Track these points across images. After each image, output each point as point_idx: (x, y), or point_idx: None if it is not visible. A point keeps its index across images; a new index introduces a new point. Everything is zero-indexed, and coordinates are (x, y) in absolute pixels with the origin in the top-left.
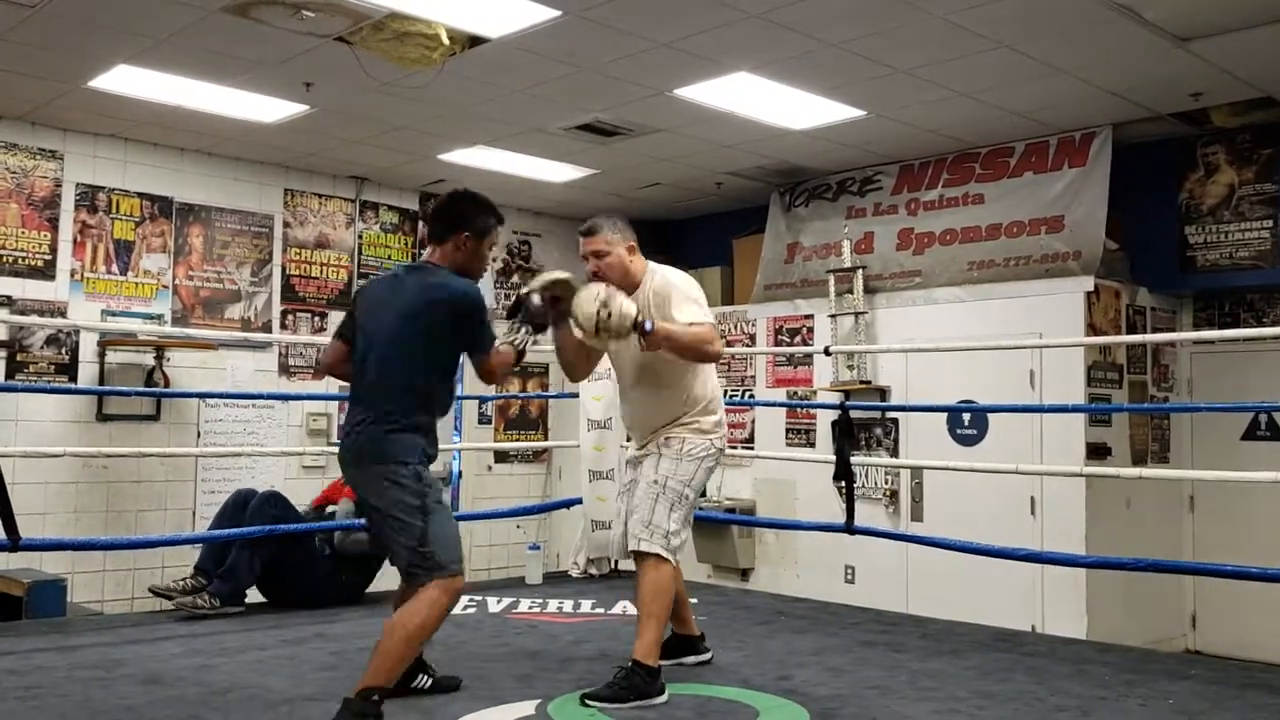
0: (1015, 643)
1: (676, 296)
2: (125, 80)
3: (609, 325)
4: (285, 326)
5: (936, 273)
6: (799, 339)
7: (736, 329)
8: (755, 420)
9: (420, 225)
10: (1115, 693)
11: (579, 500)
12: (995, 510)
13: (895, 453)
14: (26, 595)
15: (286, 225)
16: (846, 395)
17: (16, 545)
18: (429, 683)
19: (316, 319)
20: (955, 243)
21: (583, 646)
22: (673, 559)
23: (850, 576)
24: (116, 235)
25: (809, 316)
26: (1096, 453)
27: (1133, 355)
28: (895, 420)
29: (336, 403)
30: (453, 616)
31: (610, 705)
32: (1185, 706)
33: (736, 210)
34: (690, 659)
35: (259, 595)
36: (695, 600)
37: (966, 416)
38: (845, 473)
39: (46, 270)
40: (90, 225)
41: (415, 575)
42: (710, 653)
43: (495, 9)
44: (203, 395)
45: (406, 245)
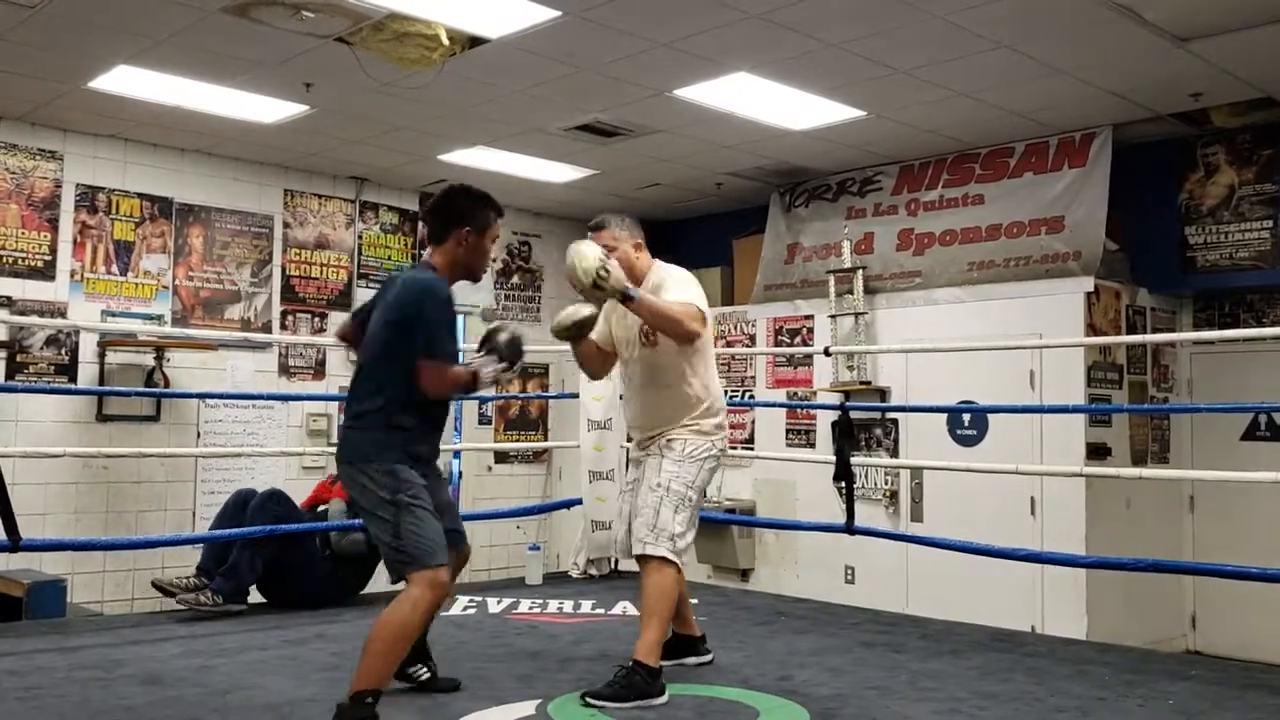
0: (1015, 643)
1: (670, 283)
2: (125, 81)
3: (606, 283)
4: (285, 327)
5: (936, 273)
6: (799, 339)
7: (736, 329)
8: (755, 421)
9: (420, 226)
10: (1115, 693)
11: (579, 501)
12: (995, 510)
13: (895, 453)
14: (26, 596)
15: (286, 226)
16: (846, 396)
17: (17, 546)
18: (426, 675)
19: (316, 319)
20: (955, 243)
21: (583, 647)
22: (678, 561)
23: (850, 577)
24: (116, 236)
25: (809, 317)
26: (1096, 453)
27: (1133, 355)
28: (895, 421)
29: (336, 403)
30: (453, 617)
31: (610, 704)
32: (1185, 707)
33: (736, 211)
34: (691, 660)
35: (258, 595)
36: (695, 600)
37: (966, 417)
38: (845, 473)
39: (46, 271)
40: (90, 226)
41: (396, 571)
42: (711, 654)
43: (495, 9)
44: (203, 396)
45: (406, 246)
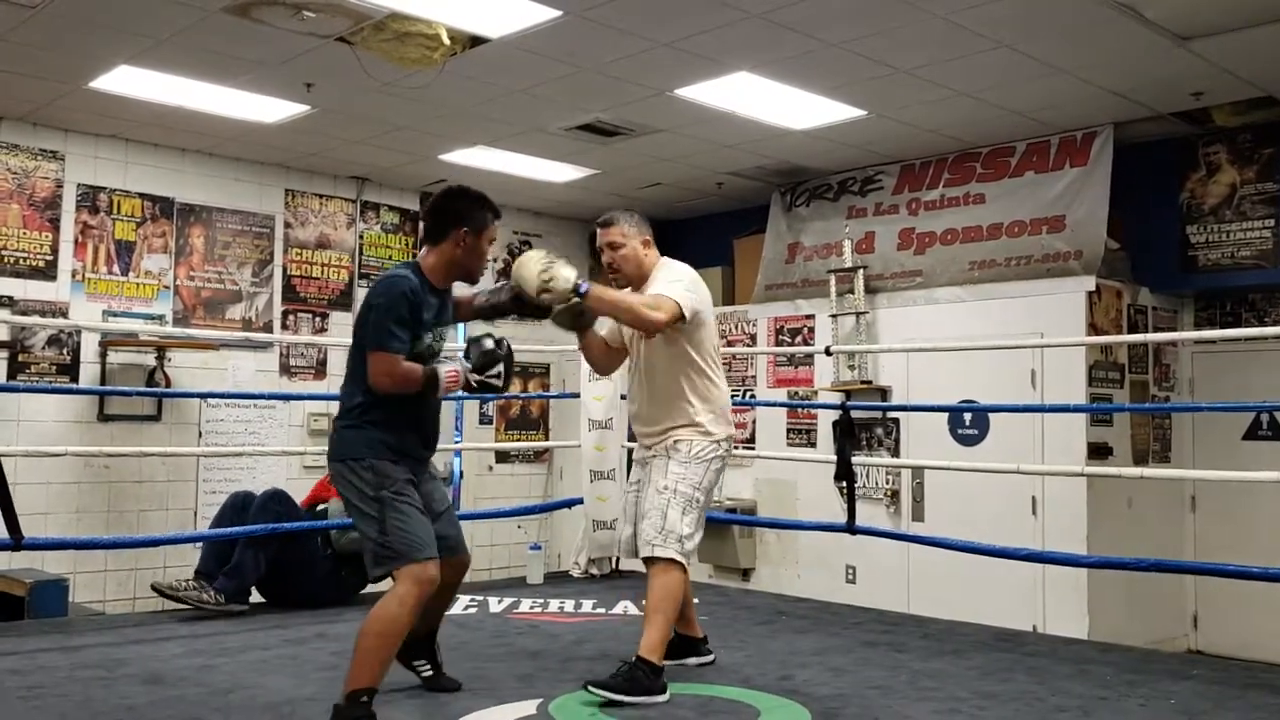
0: (1017, 643)
1: (658, 279)
2: (126, 81)
3: (550, 287)
4: (286, 327)
5: (937, 272)
6: (800, 339)
7: (737, 329)
8: (756, 420)
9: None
10: (1117, 693)
11: (580, 500)
12: (996, 510)
13: (896, 453)
14: (29, 595)
15: (287, 225)
16: (847, 395)
17: (19, 545)
18: (429, 671)
19: (317, 319)
20: (956, 242)
21: (584, 646)
22: (686, 562)
23: (851, 576)
24: (118, 236)
25: (810, 316)
26: (1098, 452)
27: (1134, 355)
28: (896, 420)
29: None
30: (454, 616)
31: (613, 694)
32: (1187, 707)
33: (737, 210)
34: (693, 660)
35: (258, 595)
36: (697, 600)
37: (968, 416)
38: (846, 473)
39: (48, 271)
40: (91, 226)
41: (381, 567)
42: (713, 654)
43: (496, 9)
44: (204, 395)
45: (407, 245)
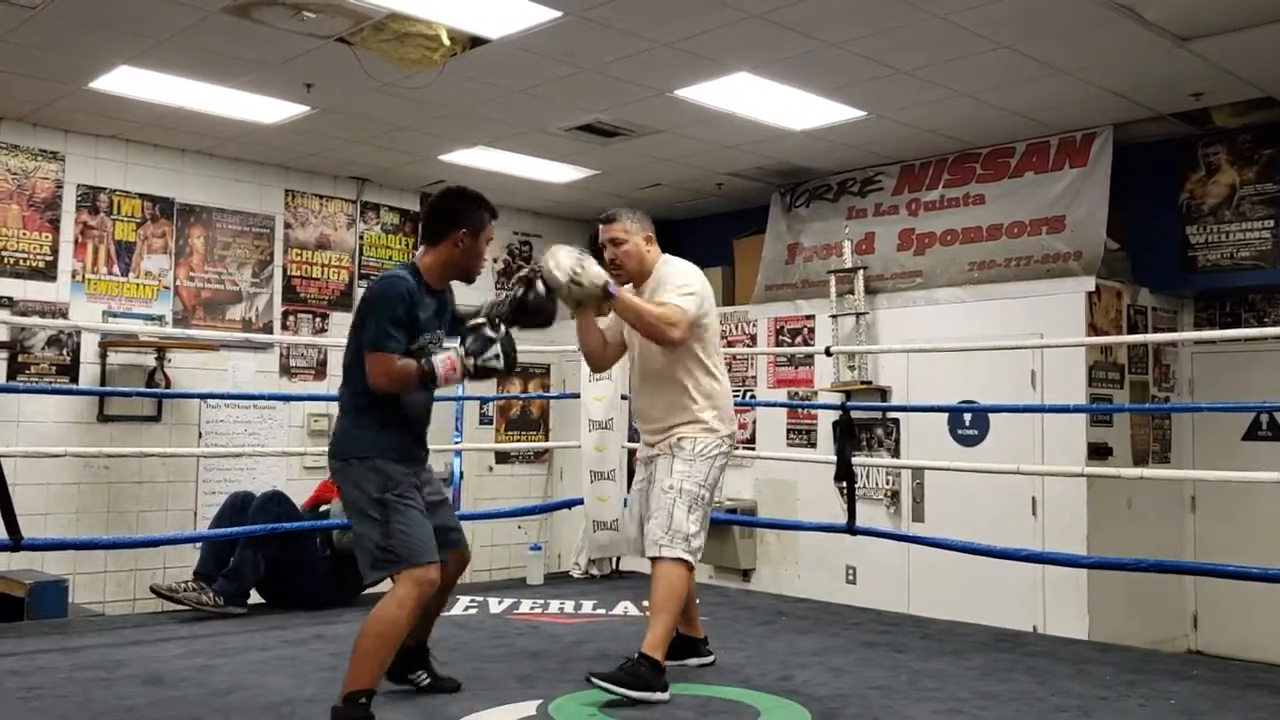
0: (1016, 643)
1: (666, 282)
2: (126, 81)
3: (580, 280)
4: (286, 327)
5: (937, 273)
6: (800, 339)
7: (737, 329)
8: (756, 421)
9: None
10: (1116, 693)
11: (580, 501)
12: (996, 510)
13: (896, 453)
14: (28, 596)
15: (287, 226)
16: (847, 396)
17: (18, 545)
18: (427, 680)
19: (317, 320)
20: (956, 243)
21: (584, 647)
22: (693, 560)
23: (851, 577)
24: (118, 236)
25: (810, 317)
26: (1098, 453)
27: (1134, 355)
28: (896, 421)
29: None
30: (454, 617)
31: (616, 687)
32: (1187, 707)
33: (737, 211)
34: (693, 661)
35: (257, 596)
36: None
37: (967, 417)
38: (846, 473)
39: (48, 271)
40: (91, 226)
41: (380, 570)
42: (713, 656)
43: (495, 9)
44: (204, 396)
45: (407, 246)
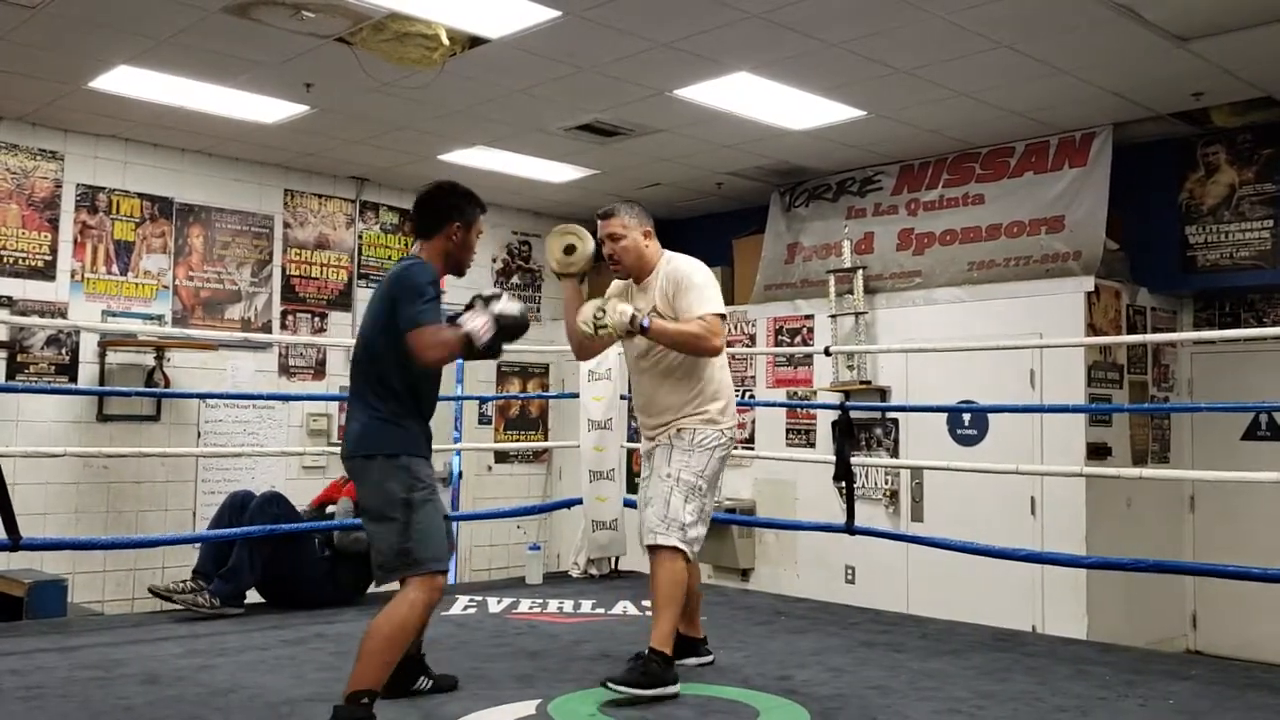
0: (1015, 643)
1: (686, 286)
2: (126, 81)
3: (604, 323)
4: (285, 327)
5: (937, 273)
6: (799, 339)
7: (736, 329)
8: (755, 420)
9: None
10: (1115, 693)
11: (579, 500)
12: (995, 510)
13: (895, 453)
14: (27, 595)
15: (286, 226)
16: (847, 395)
17: (17, 545)
18: (429, 685)
19: (316, 319)
20: (955, 243)
21: (583, 647)
22: (689, 551)
23: (850, 577)
24: (117, 236)
25: (809, 317)
26: (1097, 453)
27: (1133, 355)
28: (895, 420)
29: (337, 403)
30: (453, 616)
31: (633, 690)
32: (1186, 707)
33: (736, 210)
34: (692, 660)
35: (256, 596)
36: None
37: (967, 417)
38: (845, 473)
39: (47, 271)
40: (90, 226)
41: (394, 572)
42: (713, 655)
43: (495, 9)
44: (203, 396)
45: (406, 246)
